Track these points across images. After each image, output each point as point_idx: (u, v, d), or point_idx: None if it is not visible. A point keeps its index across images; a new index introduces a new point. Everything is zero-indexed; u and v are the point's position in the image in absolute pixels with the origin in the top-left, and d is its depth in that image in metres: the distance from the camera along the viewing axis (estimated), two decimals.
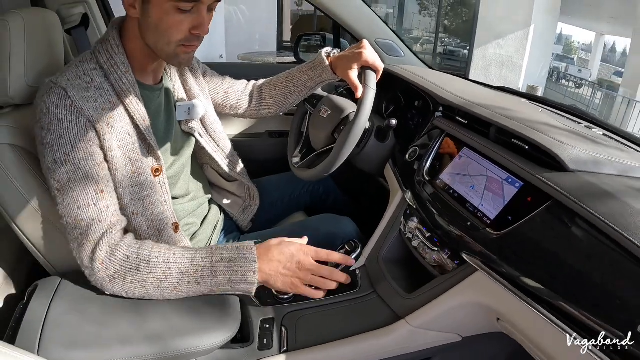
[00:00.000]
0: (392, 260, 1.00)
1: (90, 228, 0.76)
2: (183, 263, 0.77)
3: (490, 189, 0.82)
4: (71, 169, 0.76)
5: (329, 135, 1.15)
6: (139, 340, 0.71)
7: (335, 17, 1.48)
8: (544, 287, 0.65)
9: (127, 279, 0.76)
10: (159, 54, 0.85)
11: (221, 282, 0.77)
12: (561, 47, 20.84)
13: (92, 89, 0.80)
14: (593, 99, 10.44)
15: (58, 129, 0.76)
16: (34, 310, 0.74)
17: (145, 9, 0.80)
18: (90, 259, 0.76)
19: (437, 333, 0.86)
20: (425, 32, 10.14)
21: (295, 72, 1.17)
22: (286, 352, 0.81)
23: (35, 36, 0.92)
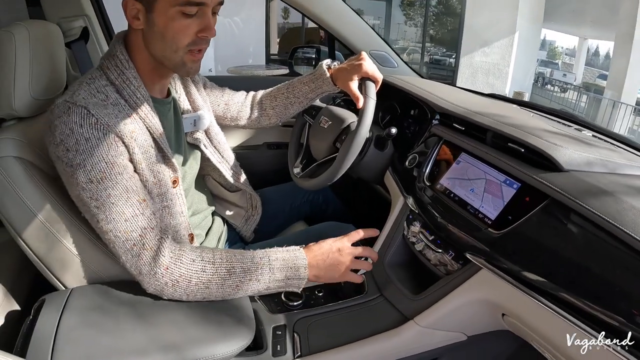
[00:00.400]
0: (397, 264, 1.03)
1: (145, 237, 0.78)
2: (245, 262, 0.82)
3: (489, 191, 0.86)
4: (109, 185, 0.76)
5: (331, 145, 1.18)
6: (156, 350, 0.71)
7: (330, 29, 1.53)
8: (546, 280, 0.69)
9: (193, 281, 0.79)
10: (167, 64, 0.86)
11: (278, 279, 0.83)
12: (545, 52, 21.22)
13: (109, 106, 0.80)
14: (579, 103, 10.66)
15: (87, 148, 0.75)
16: (43, 325, 0.73)
17: (149, 19, 0.81)
18: (152, 266, 0.77)
19: (444, 333, 0.89)
20: (411, 42, 10.30)
21: (296, 84, 1.20)
22: (300, 357, 0.83)
23: (40, 49, 0.91)
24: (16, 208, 0.84)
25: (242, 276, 0.81)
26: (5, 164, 0.82)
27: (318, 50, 1.93)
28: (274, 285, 0.84)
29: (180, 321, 0.78)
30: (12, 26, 0.87)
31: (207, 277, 0.80)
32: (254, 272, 0.82)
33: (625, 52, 7.43)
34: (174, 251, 0.80)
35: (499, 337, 0.94)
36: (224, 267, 0.81)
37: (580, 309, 0.64)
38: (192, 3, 0.79)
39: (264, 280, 0.83)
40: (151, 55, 0.86)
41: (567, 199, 0.70)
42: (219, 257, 0.82)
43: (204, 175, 1.21)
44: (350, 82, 1.06)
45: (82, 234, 0.87)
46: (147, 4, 0.80)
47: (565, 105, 11.25)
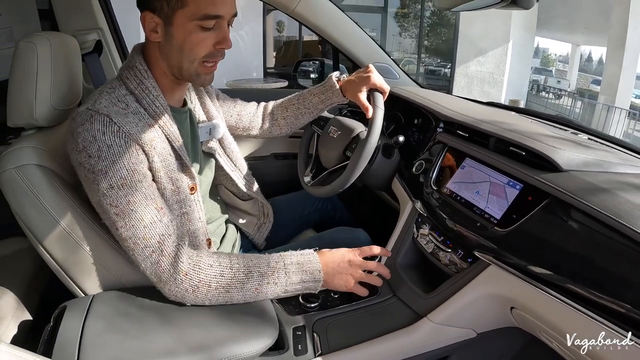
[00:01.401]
0: (408, 265, 1.08)
1: (163, 244, 0.80)
2: (261, 266, 0.86)
3: (493, 192, 0.91)
4: (129, 192, 0.79)
5: (341, 154, 1.24)
6: (183, 352, 0.74)
7: (335, 42, 1.60)
8: (551, 273, 0.74)
9: (212, 285, 0.82)
10: (183, 74, 0.90)
11: (294, 282, 0.88)
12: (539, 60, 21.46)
13: (130, 115, 0.83)
14: (573, 108, 10.78)
15: (109, 155, 0.78)
16: (67, 331, 0.75)
17: (168, 32, 0.85)
18: (171, 273, 0.80)
19: (456, 329, 0.93)
20: (406, 53, 10.41)
21: (306, 95, 1.26)
22: (321, 355, 0.86)
23: (60, 60, 0.94)
24: (37, 215, 0.85)
25: (260, 280, 0.85)
26: (26, 171, 0.84)
27: (322, 63, 1.99)
28: (292, 289, 0.89)
29: (205, 322, 0.81)
30: (33, 37, 0.90)
31: (226, 281, 0.83)
32: (271, 276, 0.86)
33: (617, 57, 7.55)
34: (191, 257, 0.83)
35: (505, 335, 0.98)
36: (241, 271, 0.84)
37: (585, 297, 0.68)
38: (210, 17, 0.83)
39: (281, 283, 0.87)
40: (168, 67, 0.90)
41: (567, 197, 0.75)
42: (235, 261, 0.85)
43: (217, 185, 1.26)
44: (359, 93, 1.12)
45: (103, 240, 0.89)
46: (165, 18, 0.84)
47: (560, 111, 11.38)
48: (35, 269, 1.38)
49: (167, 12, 0.83)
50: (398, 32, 10.23)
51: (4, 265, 1.34)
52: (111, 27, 1.62)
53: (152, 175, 0.85)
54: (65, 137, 0.91)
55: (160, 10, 0.83)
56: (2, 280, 1.10)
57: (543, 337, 0.84)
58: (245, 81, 6.09)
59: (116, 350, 0.73)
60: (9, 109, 0.92)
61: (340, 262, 0.93)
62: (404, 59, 10.22)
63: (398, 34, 10.28)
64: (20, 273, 1.31)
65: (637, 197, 0.73)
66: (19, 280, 1.24)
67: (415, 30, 9.80)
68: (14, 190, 0.85)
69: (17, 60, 0.90)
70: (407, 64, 9.96)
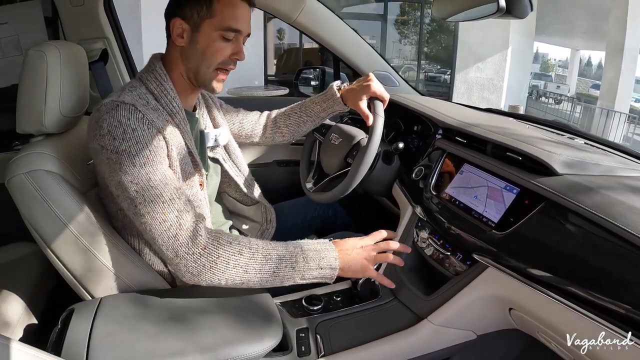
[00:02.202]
0: (408, 269, 1.09)
1: (182, 218, 0.84)
2: (280, 249, 0.88)
3: (491, 196, 0.94)
4: (150, 171, 0.83)
5: (342, 161, 1.26)
6: (193, 352, 0.76)
7: (335, 51, 1.63)
8: (547, 273, 0.76)
9: (231, 263, 0.84)
10: (198, 78, 0.98)
11: (312, 267, 0.90)
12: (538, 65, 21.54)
13: (150, 110, 0.89)
14: (573, 113, 10.82)
15: (134, 136, 0.83)
16: (75, 333, 0.76)
17: (193, 38, 0.94)
18: (189, 246, 0.83)
19: (456, 331, 0.95)
20: (406, 60, 10.46)
21: (308, 103, 1.30)
22: (324, 356, 0.89)
23: (69, 68, 0.97)
24: (46, 219, 0.87)
25: (278, 262, 0.87)
26: (36, 176, 0.87)
27: (323, 72, 2.02)
28: (309, 275, 0.90)
29: (212, 324, 0.83)
30: (43, 45, 0.93)
31: (244, 260, 0.85)
32: (289, 260, 0.88)
33: (616, 61, 7.59)
34: (210, 232, 0.86)
35: (506, 337, 1.00)
36: (260, 252, 0.86)
37: (582, 297, 0.70)
38: (231, 29, 0.94)
39: (298, 268, 0.89)
40: (186, 70, 0.98)
41: (562, 199, 0.77)
42: (254, 242, 0.88)
43: (221, 192, 1.29)
44: (360, 101, 1.15)
45: (112, 244, 0.91)
46: (194, 25, 0.94)
47: (560, 116, 11.42)
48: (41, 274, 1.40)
49: (196, 20, 0.93)
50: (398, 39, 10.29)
51: (11, 269, 1.36)
52: (117, 36, 1.65)
53: (170, 162, 0.90)
54: (74, 143, 0.96)
55: (190, 18, 0.93)
56: (8, 284, 1.12)
57: (541, 337, 0.86)
58: (247, 89, 6.13)
59: (125, 350, 0.75)
60: (18, 115, 0.94)
61: (354, 249, 0.96)
62: (404, 66, 10.26)
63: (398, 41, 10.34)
64: (27, 277, 1.33)
65: (631, 199, 0.75)
66: (26, 285, 1.26)
67: (415, 37, 9.86)
68: (24, 195, 0.87)
69: (27, 68, 0.93)
70: (407, 70, 10.01)
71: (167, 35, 0.98)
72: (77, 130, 1.08)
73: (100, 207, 0.99)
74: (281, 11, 1.55)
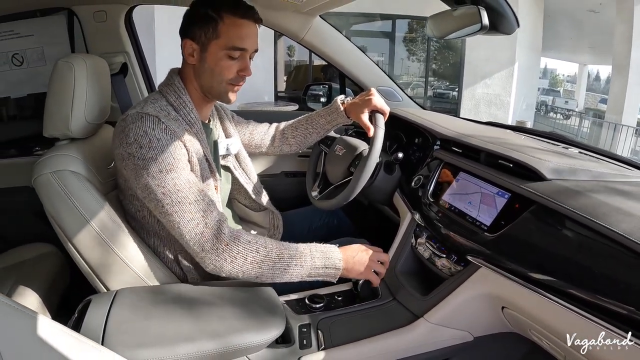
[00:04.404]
0: (406, 272, 1.15)
1: (207, 217, 0.93)
2: (291, 249, 0.98)
3: (484, 202, 0.99)
4: (175, 176, 0.92)
5: (345, 170, 1.33)
6: (202, 338, 0.82)
7: (341, 68, 1.72)
8: (536, 271, 0.81)
9: (249, 259, 0.94)
10: (212, 92, 1.07)
11: (318, 266, 1.01)
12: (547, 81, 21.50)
13: (171, 120, 0.98)
14: (581, 128, 10.79)
15: (159, 145, 0.92)
16: (91, 320, 0.81)
17: (202, 57, 1.03)
18: (214, 242, 0.92)
19: (451, 330, 0.99)
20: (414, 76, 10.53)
21: (314, 116, 1.38)
22: (324, 349, 0.94)
23: (94, 79, 1.06)
24: (69, 215, 0.95)
25: (289, 261, 0.97)
26: (61, 176, 0.96)
27: (330, 87, 2.10)
28: (315, 273, 1.01)
29: (221, 314, 0.89)
30: (71, 57, 1.03)
31: (260, 257, 0.95)
32: (299, 259, 0.98)
33: (622, 74, 7.59)
34: (232, 231, 0.95)
35: (505, 341, 1.05)
36: (274, 251, 0.96)
37: (568, 293, 0.75)
38: (236, 48, 1.01)
39: (306, 266, 0.99)
40: (200, 85, 1.07)
41: (549, 202, 0.83)
42: (269, 242, 0.98)
43: (231, 199, 1.36)
44: (362, 114, 1.23)
45: (129, 241, 0.99)
46: (202, 46, 1.02)
47: (568, 131, 11.39)
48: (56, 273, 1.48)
49: (204, 41, 1.01)
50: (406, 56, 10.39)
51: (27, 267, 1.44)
52: (136, 51, 1.75)
53: (191, 167, 0.99)
54: (97, 148, 1.05)
55: (199, 39, 1.02)
56: (25, 281, 1.20)
57: (534, 336, 0.90)
58: (257, 104, 6.25)
59: (139, 335, 0.81)
60: (46, 120, 1.03)
61: (358, 251, 1.07)
62: (412, 83, 10.32)
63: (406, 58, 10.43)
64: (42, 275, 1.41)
65: (617, 201, 0.81)
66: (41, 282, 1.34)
67: (422, 54, 9.95)
68: (49, 193, 0.96)
69: (55, 77, 1.02)
70: (415, 87, 10.07)
71: (182, 53, 1.06)
72: (99, 136, 1.17)
73: (120, 207, 1.07)
74: (290, 30, 1.64)
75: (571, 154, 1.12)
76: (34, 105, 1.80)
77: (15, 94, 1.73)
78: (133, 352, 0.76)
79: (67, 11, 1.63)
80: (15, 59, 1.67)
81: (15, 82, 1.69)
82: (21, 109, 1.85)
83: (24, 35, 1.65)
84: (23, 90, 1.73)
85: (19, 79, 1.69)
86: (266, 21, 1.56)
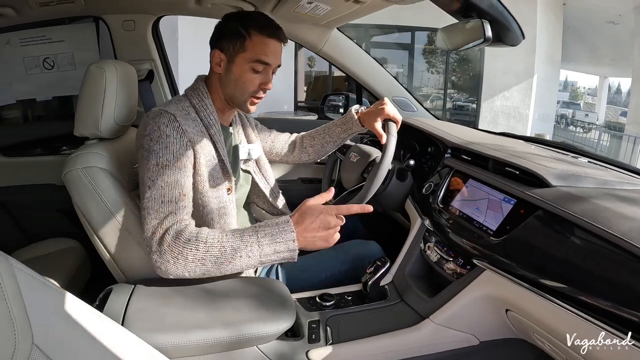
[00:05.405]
0: (415, 275, 1.19)
1: (166, 220, 0.94)
2: (234, 241, 0.93)
3: (491, 207, 1.03)
4: (167, 173, 0.97)
5: (359, 176, 1.38)
6: (216, 326, 0.87)
7: (358, 79, 1.78)
8: (538, 274, 0.84)
9: (189, 258, 0.91)
10: (234, 102, 1.13)
11: (268, 253, 0.93)
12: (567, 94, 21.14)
13: (189, 120, 1.05)
14: (600, 141, 10.60)
15: (166, 141, 0.98)
16: (112, 306, 0.86)
17: (228, 68, 1.09)
18: (159, 243, 0.92)
19: (456, 332, 1.02)
20: (434, 88, 10.49)
21: (330, 126, 1.44)
22: (331, 344, 0.98)
23: (123, 84, 1.14)
24: (96, 209, 1.02)
25: (233, 253, 0.92)
26: (91, 172, 1.03)
27: (347, 97, 2.15)
28: (267, 260, 0.93)
29: (235, 304, 0.93)
30: (102, 63, 1.10)
31: (200, 255, 0.91)
32: (244, 250, 0.92)
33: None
34: (176, 231, 0.93)
35: (511, 348, 1.06)
36: (215, 247, 0.92)
37: (571, 296, 0.77)
38: (261, 62, 1.08)
39: (254, 255, 0.92)
40: (223, 93, 1.13)
41: (552, 207, 0.86)
42: (211, 237, 0.93)
43: (250, 203, 1.42)
44: (375, 122, 1.28)
45: None
46: (229, 57, 1.09)
47: (587, 144, 11.17)
48: (78, 266, 1.56)
49: (231, 53, 1.08)
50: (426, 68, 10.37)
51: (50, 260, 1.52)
52: (162, 59, 1.85)
53: (195, 169, 1.03)
54: (123, 148, 1.12)
55: (227, 51, 1.08)
56: (48, 273, 1.26)
57: (537, 339, 0.92)
58: (277, 114, 6.35)
59: (156, 321, 0.86)
60: (77, 120, 1.11)
61: (318, 227, 0.94)
62: (432, 95, 10.28)
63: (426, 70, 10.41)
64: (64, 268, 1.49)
65: (619, 207, 0.83)
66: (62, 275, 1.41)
67: (442, 66, 9.94)
68: (78, 187, 1.03)
69: (87, 81, 1.09)
70: (435, 99, 10.03)
71: (210, 61, 1.13)
72: (126, 138, 1.24)
73: None
74: (308, 42, 1.72)
75: (579, 163, 1.15)
76: (60, 107, 1.91)
77: (43, 96, 1.85)
78: (150, 335, 0.81)
79: (95, 19, 1.73)
80: (47, 63, 1.79)
81: (44, 85, 1.81)
82: (47, 110, 1.96)
83: (55, 41, 1.77)
84: (50, 93, 1.85)
85: (48, 82, 1.81)
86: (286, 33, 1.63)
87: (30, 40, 1.74)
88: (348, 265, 1.28)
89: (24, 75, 1.78)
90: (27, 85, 1.79)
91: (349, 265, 1.28)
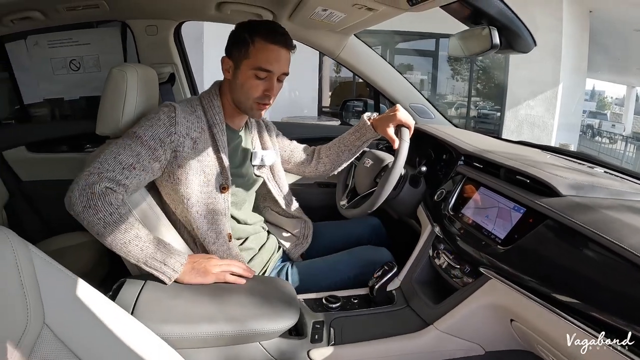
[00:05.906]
0: (422, 281, 1.18)
1: (106, 173, 0.98)
2: (142, 231, 0.98)
3: (500, 216, 1.02)
4: (135, 143, 1.03)
5: (372, 181, 1.39)
6: (222, 320, 0.90)
7: (375, 85, 1.79)
8: (543, 283, 0.83)
9: (99, 214, 0.95)
10: (241, 106, 1.18)
11: (157, 259, 0.98)
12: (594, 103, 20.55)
13: (193, 116, 1.12)
14: (626, 153, 10.31)
15: (154, 121, 1.06)
16: (124, 296, 0.90)
17: (235, 74, 1.15)
18: (87, 185, 0.96)
19: (460, 340, 1.01)
20: (459, 96, 10.35)
21: (345, 135, 1.45)
22: (334, 345, 0.99)
23: (143, 86, 1.19)
24: None
25: (132, 239, 0.96)
26: None
27: (365, 103, 2.17)
28: (152, 264, 0.97)
29: (242, 300, 0.96)
30: (124, 66, 1.16)
31: (109, 220, 0.95)
32: (142, 242, 0.97)
33: None
34: (108, 188, 0.98)
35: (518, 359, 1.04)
36: (123, 222, 0.96)
37: (577, 309, 0.76)
38: (263, 69, 1.12)
39: (146, 252, 0.97)
40: (232, 98, 1.19)
41: (560, 217, 0.85)
42: (128, 213, 0.98)
43: (264, 206, 1.45)
44: (388, 128, 1.29)
45: (166, 231, 1.10)
46: (236, 63, 1.14)
47: (613, 155, 10.85)
48: (95, 260, 1.61)
49: (237, 59, 1.14)
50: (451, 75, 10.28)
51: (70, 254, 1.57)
52: (183, 63, 1.91)
53: (175, 157, 1.08)
54: None
55: (234, 57, 1.14)
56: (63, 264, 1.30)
57: (541, 352, 0.91)
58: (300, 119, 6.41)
59: (164, 312, 0.90)
60: (99, 120, 1.16)
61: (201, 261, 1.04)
62: (456, 102, 10.16)
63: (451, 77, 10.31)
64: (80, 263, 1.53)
65: (629, 218, 0.81)
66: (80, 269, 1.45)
67: (466, 73, 9.82)
68: None
69: (110, 83, 1.14)
70: (459, 107, 9.90)
71: (221, 68, 1.19)
72: None
73: (159, 202, 1.17)
74: (326, 48, 1.74)
75: (594, 173, 1.13)
76: (85, 107, 1.99)
77: (69, 96, 1.94)
78: (158, 326, 0.84)
79: (121, 24, 1.80)
80: (73, 64, 1.87)
81: (71, 85, 1.89)
82: (73, 110, 2.05)
83: (82, 44, 1.85)
84: (77, 93, 1.93)
85: (75, 82, 1.89)
86: (304, 39, 1.67)
87: (58, 43, 1.83)
88: (358, 270, 1.29)
89: (52, 75, 1.86)
90: (54, 85, 1.88)
91: (358, 270, 1.28)
